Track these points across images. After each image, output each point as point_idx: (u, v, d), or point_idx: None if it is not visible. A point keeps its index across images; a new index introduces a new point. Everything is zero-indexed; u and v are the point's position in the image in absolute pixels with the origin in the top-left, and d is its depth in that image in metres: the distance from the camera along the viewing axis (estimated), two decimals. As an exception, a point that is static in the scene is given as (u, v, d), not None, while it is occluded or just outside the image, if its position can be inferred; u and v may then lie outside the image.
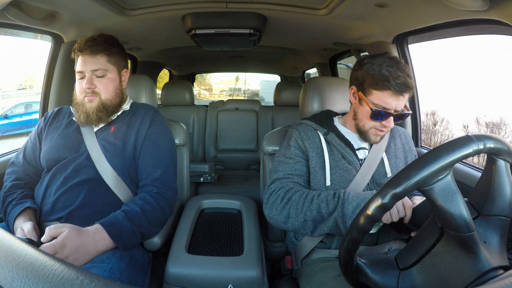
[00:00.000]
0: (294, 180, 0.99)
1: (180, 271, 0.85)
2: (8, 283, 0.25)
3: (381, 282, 0.61)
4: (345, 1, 1.14)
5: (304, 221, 0.89)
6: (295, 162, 1.01)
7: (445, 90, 7.26)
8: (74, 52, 1.05)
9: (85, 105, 1.03)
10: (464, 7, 0.88)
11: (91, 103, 1.02)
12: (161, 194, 0.98)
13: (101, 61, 1.03)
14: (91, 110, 1.02)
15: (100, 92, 1.03)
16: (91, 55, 1.02)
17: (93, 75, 1.03)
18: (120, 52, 1.10)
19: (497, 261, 0.54)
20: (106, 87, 1.04)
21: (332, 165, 1.00)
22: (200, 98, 14.63)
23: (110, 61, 1.05)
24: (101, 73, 1.03)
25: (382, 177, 1.00)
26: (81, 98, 1.03)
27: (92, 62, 1.02)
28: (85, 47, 1.02)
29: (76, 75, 1.05)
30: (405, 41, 1.45)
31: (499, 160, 0.57)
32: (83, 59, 1.02)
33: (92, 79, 1.03)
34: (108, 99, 1.05)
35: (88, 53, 1.02)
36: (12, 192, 0.98)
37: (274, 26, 1.57)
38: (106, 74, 1.04)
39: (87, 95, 1.02)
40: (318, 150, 1.02)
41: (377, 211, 0.55)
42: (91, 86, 1.02)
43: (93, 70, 1.02)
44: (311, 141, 1.03)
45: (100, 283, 0.25)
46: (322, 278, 0.89)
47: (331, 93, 1.21)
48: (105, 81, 1.04)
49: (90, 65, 1.02)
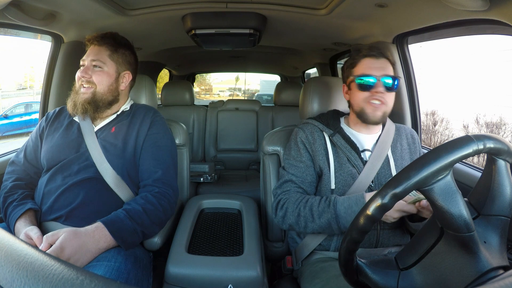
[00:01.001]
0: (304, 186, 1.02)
1: (180, 271, 0.85)
2: (8, 283, 0.25)
3: (381, 282, 0.61)
4: (345, 1, 1.14)
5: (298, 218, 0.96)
6: (306, 167, 1.02)
7: (445, 90, 7.26)
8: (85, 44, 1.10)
9: (79, 95, 1.04)
10: (464, 7, 0.88)
11: (84, 94, 1.04)
12: (162, 194, 0.98)
13: (103, 53, 1.06)
14: (79, 101, 1.04)
15: (95, 83, 1.05)
16: (96, 46, 1.07)
17: (91, 65, 1.05)
18: (127, 55, 1.12)
19: (497, 261, 0.54)
20: (100, 78, 1.05)
21: (336, 168, 1.00)
22: (200, 98, 14.64)
23: (112, 57, 1.07)
24: (98, 64, 1.05)
25: (388, 178, 0.99)
26: (78, 86, 1.06)
27: (94, 53, 1.06)
28: (94, 38, 1.07)
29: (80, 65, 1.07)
30: (405, 41, 1.45)
31: (499, 160, 0.57)
32: (89, 50, 1.07)
33: (89, 68, 1.05)
34: (100, 92, 1.05)
35: (94, 44, 1.07)
36: (13, 192, 0.98)
37: (274, 26, 1.57)
38: (103, 68, 1.06)
39: (83, 84, 1.04)
40: (323, 152, 1.02)
41: (377, 211, 0.55)
42: (86, 75, 1.04)
43: (93, 60, 1.05)
44: (317, 143, 1.03)
45: (100, 283, 0.25)
46: (323, 278, 0.89)
47: (331, 93, 1.21)
48: (100, 73, 1.06)
49: (92, 55, 1.06)
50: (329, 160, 1.00)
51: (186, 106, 2.54)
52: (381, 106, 0.97)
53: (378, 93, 0.95)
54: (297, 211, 0.95)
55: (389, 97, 0.98)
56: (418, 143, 1.11)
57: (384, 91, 0.96)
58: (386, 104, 0.97)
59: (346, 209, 0.88)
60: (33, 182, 1.05)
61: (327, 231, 0.94)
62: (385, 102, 0.97)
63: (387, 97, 0.97)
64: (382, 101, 0.97)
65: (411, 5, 1.08)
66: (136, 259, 0.87)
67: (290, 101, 2.54)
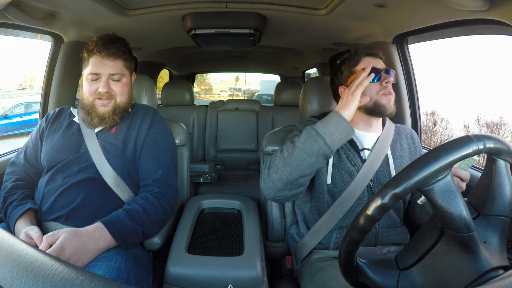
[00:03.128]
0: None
1: (180, 271, 0.85)
2: (8, 283, 0.25)
3: (381, 282, 0.61)
4: (345, 1, 1.14)
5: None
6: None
7: (445, 90, 7.26)
8: (86, 51, 1.02)
9: (97, 108, 1.02)
10: (464, 7, 0.88)
11: (105, 107, 1.02)
12: (162, 194, 0.98)
13: (119, 65, 1.03)
14: (106, 114, 1.02)
15: (115, 95, 1.03)
16: (110, 59, 1.00)
17: (109, 78, 1.02)
18: (132, 57, 1.11)
19: (497, 261, 0.54)
20: (122, 90, 1.04)
21: (335, 164, 1.00)
22: (200, 98, 14.65)
23: (126, 66, 1.06)
24: (118, 78, 1.03)
25: (387, 178, 0.99)
26: (91, 100, 1.02)
27: (111, 66, 1.01)
28: (104, 49, 0.99)
29: (88, 76, 1.01)
30: (405, 41, 1.45)
31: (499, 160, 0.57)
32: (101, 60, 1.00)
33: (109, 82, 1.02)
34: (122, 102, 1.05)
35: (106, 56, 1.00)
36: (13, 192, 0.98)
37: (274, 26, 1.57)
38: (122, 79, 1.04)
39: (101, 98, 1.01)
40: None
41: (377, 211, 0.55)
42: (108, 89, 1.01)
43: (111, 74, 1.01)
44: None
45: (100, 283, 0.25)
46: (323, 277, 0.90)
47: (331, 93, 1.21)
48: (120, 85, 1.04)
49: (109, 68, 1.01)
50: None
51: (186, 106, 2.54)
52: (392, 97, 0.99)
53: (388, 83, 0.98)
54: (279, 152, 0.92)
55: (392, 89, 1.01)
56: (418, 143, 1.11)
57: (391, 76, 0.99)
58: (393, 95, 1.00)
59: (324, 125, 0.88)
60: (33, 183, 1.05)
61: (312, 151, 0.87)
62: (392, 93, 0.99)
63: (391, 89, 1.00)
64: (391, 92, 0.99)
65: (411, 5, 1.08)
66: (136, 259, 0.87)
67: (290, 101, 2.54)
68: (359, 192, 0.97)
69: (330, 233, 0.99)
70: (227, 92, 17.60)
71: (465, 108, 6.69)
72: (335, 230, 0.99)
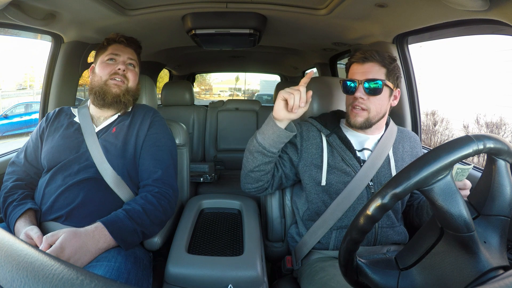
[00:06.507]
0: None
1: (180, 271, 0.85)
2: (8, 283, 0.25)
3: (381, 282, 0.61)
4: (345, 1, 1.14)
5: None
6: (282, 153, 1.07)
7: (445, 90, 7.25)
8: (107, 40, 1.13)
9: (111, 88, 1.06)
10: (464, 7, 0.88)
11: (118, 88, 1.07)
12: (162, 194, 0.98)
13: (135, 56, 1.15)
14: (120, 93, 1.07)
15: (129, 79, 1.10)
16: (129, 48, 1.13)
17: (127, 62, 1.11)
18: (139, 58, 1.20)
19: (497, 261, 0.54)
20: (134, 77, 1.12)
21: (330, 166, 1.01)
22: (200, 98, 14.65)
23: (139, 61, 1.17)
24: (134, 64, 1.13)
25: (388, 178, 1.00)
26: (104, 79, 1.07)
27: (129, 53, 1.13)
28: (126, 40, 1.13)
29: (105, 58, 1.09)
30: (405, 41, 1.45)
31: (499, 160, 0.57)
32: (121, 47, 1.12)
33: (125, 64, 1.10)
34: (132, 88, 1.12)
35: (127, 45, 1.13)
36: (13, 192, 0.98)
37: (274, 26, 1.57)
38: (135, 68, 1.15)
39: (116, 77, 1.07)
40: (317, 150, 1.03)
41: (377, 211, 0.55)
42: (126, 70, 1.09)
43: (130, 58, 1.12)
44: (310, 141, 1.04)
45: (100, 283, 0.25)
46: (323, 277, 0.90)
47: (331, 93, 1.21)
48: (133, 71, 1.13)
49: (128, 54, 1.12)
50: (323, 158, 1.02)
51: (186, 106, 2.54)
52: (362, 113, 0.98)
53: (357, 99, 0.98)
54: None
55: (372, 102, 0.98)
56: (420, 147, 1.12)
57: (366, 96, 0.97)
58: (369, 110, 0.98)
59: (262, 126, 0.97)
60: (33, 183, 1.05)
61: (251, 148, 0.99)
62: (367, 108, 0.98)
63: (369, 102, 0.98)
64: (362, 108, 0.98)
65: (411, 5, 1.08)
66: (136, 259, 0.87)
67: None
68: (358, 192, 0.97)
69: (329, 233, 0.99)
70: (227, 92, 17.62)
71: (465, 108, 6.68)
72: (334, 230, 0.99)
